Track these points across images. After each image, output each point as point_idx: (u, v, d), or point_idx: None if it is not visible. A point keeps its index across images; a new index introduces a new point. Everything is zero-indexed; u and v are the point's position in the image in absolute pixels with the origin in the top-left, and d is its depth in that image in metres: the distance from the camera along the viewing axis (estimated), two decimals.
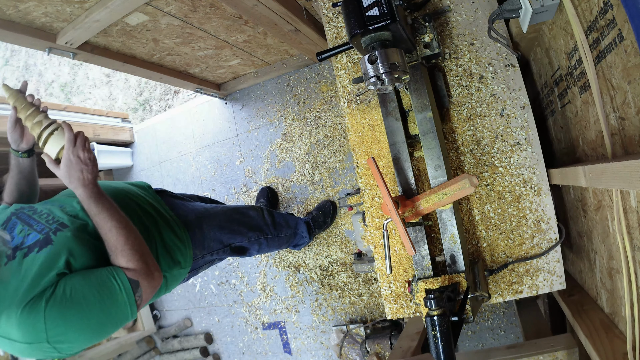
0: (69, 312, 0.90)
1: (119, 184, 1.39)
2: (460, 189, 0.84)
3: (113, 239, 1.02)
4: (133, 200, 1.29)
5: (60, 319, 0.90)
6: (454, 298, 0.83)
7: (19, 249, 1.00)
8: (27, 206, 1.15)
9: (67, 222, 1.06)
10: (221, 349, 2.75)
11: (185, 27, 1.75)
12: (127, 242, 1.03)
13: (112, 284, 0.96)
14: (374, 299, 2.24)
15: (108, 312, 0.96)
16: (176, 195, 1.62)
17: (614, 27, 0.61)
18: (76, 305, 0.92)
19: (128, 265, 1.01)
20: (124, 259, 1.01)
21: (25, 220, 1.08)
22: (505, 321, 1.99)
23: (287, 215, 1.96)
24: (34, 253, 0.98)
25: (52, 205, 1.15)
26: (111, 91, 3.46)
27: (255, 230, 1.70)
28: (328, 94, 2.35)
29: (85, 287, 0.94)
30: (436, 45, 0.94)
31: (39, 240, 1.00)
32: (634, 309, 0.69)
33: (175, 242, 1.32)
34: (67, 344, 0.92)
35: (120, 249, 1.01)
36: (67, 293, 0.92)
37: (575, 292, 1.06)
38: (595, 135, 0.79)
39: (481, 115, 1.02)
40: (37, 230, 1.04)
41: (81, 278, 0.96)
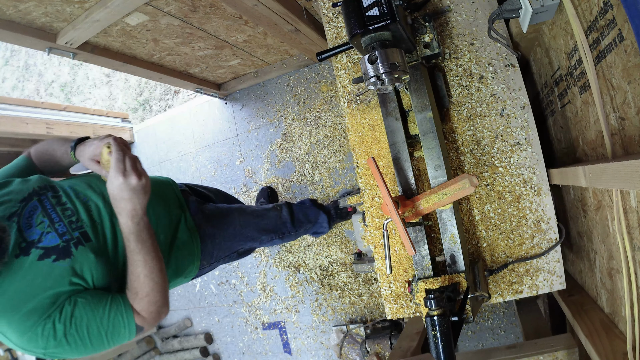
0: (70, 338, 0.88)
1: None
2: (460, 189, 0.84)
3: (139, 284, 0.94)
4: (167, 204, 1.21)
5: (60, 344, 0.88)
6: (454, 298, 0.83)
7: (34, 245, 0.91)
8: (50, 186, 1.03)
9: (90, 233, 0.98)
10: (221, 349, 2.75)
11: (185, 27, 1.75)
12: (150, 293, 0.95)
13: (118, 324, 0.92)
14: (374, 299, 2.24)
15: (107, 342, 0.93)
16: (199, 191, 1.52)
17: (614, 27, 0.61)
18: (79, 334, 0.89)
19: (141, 313, 0.95)
20: (139, 305, 0.94)
21: (47, 210, 0.97)
22: (505, 321, 1.99)
23: (308, 207, 1.86)
24: (50, 260, 0.90)
25: (78, 195, 1.04)
26: (111, 91, 3.46)
27: (270, 232, 1.63)
28: (328, 94, 2.35)
29: (91, 320, 0.90)
30: (436, 45, 0.94)
31: (58, 247, 0.92)
32: (634, 309, 0.69)
33: (185, 256, 1.26)
34: (63, 356, 0.92)
35: (140, 296, 0.94)
36: (72, 322, 0.88)
37: (575, 292, 1.06)
38: (595, 135, 0.79)
39: (481, 115, 1.02)
40: (58, 231, 0.94)
41: (90, 310, 0.90)
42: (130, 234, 0.92)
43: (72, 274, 0.90)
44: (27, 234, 0.91)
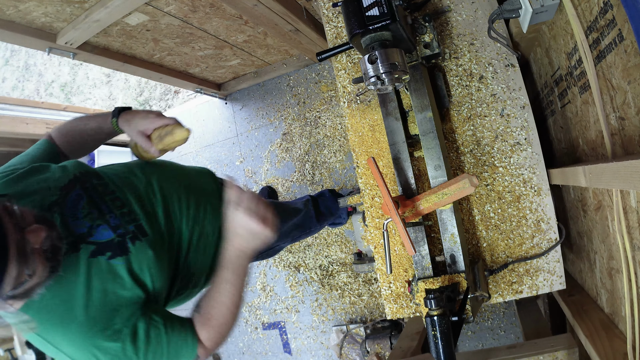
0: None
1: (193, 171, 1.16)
2: (460, 189, 0.84)
3: (217, 312, 0.86)
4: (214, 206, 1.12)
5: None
6: (454, 298, 0.83)
7: (84, 240, 0.78)
8: (93, 172, 0.91)
9: (145, 226, 0.87)
10: (221, 349, 2.75)
11: (185, 27, 1.75)
12: (223, 325, 0.87)
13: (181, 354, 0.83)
14: (374, 299, 2.24)
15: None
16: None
17: (614, 27, 0.61)
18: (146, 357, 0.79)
19: (205, 342, 0.86)
20: (207, 334, 0.86)
21: (95, 200, 0.84)
22: (505, 321, 1.99)
23: (328, 199, 1.80)
24: (104, 258, 0.78)
25: (123, 183, 0.93)
26: (111, 91, 3.46)
27: (300, 228, 1.56)
28: (328, 94, 2.35)
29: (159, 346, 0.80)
30: (436, 45, 0.94)
31: (113, 242, 0.80)
32: (634, 309, 0.69)
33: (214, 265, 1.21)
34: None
35: (212, 325, 0.86)
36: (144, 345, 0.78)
37: (575, 292, 1.06)
38: (595, 135, 0.79)
39: (481, 115, 1.02)
40: (110, 224, 0.82)
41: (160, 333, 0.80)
42: (230, 263, 0.86)
43: (134, 278, 0.80)
44: (73, 226, 0.79)
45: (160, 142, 0.96)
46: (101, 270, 0.77)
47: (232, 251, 0.86)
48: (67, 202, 0.81)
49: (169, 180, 1.03)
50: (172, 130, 0.96)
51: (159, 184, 0.99)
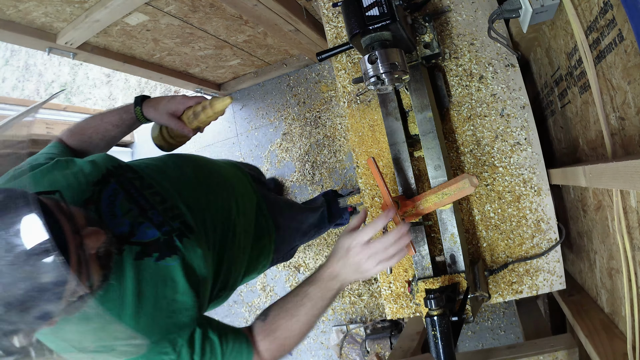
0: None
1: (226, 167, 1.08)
2: (460, 189, 0.84)
3: (287, 323, 0.78)
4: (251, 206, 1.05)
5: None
6: (454, 298, 0.83)
7: (127, 241, 0.71)
8: (126, 165, 0.84)
9: (191, 222, 0.80)
10: None
11: (185, 27, 1.75)
12: (289, 339, 0.79)
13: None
14: (374, 299, 2.24)
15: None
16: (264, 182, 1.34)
17: (614, 27, 0.61)
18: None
19: (264, 354, 0.78)
20: (268, 344, 0.78)
21: (133, 196, 0.76)
22: (505, 321, 1.99)
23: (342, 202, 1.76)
24: (152, 260, 0.71)
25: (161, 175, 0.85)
26: (111, 91, 3.46)
27: (315, 227, 1.52)
28: (328, 94, 2.35)
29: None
30: (436, 45, 0.94)
31: (159, 242, 0.73)
32: (634, 309, 0.69)
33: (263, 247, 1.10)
34: None
35: (276, 336, 0.78)
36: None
37: (575, 292, 1.06)
38: (595, 135, 0.79)
39: (481, 115, 1.02)
40: (153, 222, 0.75)
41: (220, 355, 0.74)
42: (321, 282, 0.78)
43: (185, 275, 0.72)
44: (113, 225, 0.71)
45: (195, 119, 0.94)
46: (150, 273, 0.69)
47: (329, 273, 0.77)
48: (103, 198, 0.73)
49: (203, 172, 0.99)
50: (211, 103, 0.93)
51: (196, 176, 0.94)
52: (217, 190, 0.97)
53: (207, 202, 0.90)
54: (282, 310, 0.79)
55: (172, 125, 0.94)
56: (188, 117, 0.95)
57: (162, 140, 1.01)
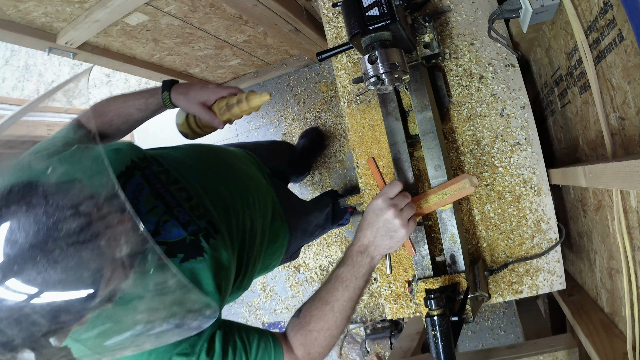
0: None
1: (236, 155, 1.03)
2: (460, 189, 0.84)
3: (318, 315, 0.73)
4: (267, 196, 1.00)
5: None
6: (454, 298, 0.83)
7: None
8: (151, 157, 0.79)
9: (217, 222, 0.77)
10: None
11: (185, 27, 1.75)
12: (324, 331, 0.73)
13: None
14: (374, 299, 2.24)
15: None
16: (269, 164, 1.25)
17: (614, 27, 0.61)
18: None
19: (296, 350, 0.74)
20: (302, 339, 0.74)
21: (159, 191, 0.72)
22: (505, 321, 1.99)
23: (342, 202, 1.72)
24: (177, 261, 0.67)
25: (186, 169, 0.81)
26: (111, 91, 3.46)
27: (320, 227, 1.48)
28: (328, 94, 2.35)
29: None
30: (436, 45, 0.94)
31: (185, 242, 0.69)
32: (634, 309, 0.69)
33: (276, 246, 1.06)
34: None
35: (309, 330, 0.73)
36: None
37: (575, 292, 1.06)
38: (595, 135, 0.79)
39: (481, 115, 1.02)
40: (179, 220, 0.71)
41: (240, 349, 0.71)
42: (355, 264, 0.74)
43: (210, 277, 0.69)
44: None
45: (228, 112, 0.89)
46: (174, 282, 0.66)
47: (358, 248, 0.73)
48: (126, 193, 0.68)
49: (228, 168, 0.95)
50: (247, 97, 0.89)
51: (220, 172, 0.91)
52: (241, 189, 0.93)
53: (231, 201, 0.86)
54: (315, 300, 0.75)
55: (202, 116, 0.89)
56: (220, 109, 0.90)
57: (188, 129, 0.97)
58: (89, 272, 0.46)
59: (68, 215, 0.45)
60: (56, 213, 0.45)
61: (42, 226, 0.44)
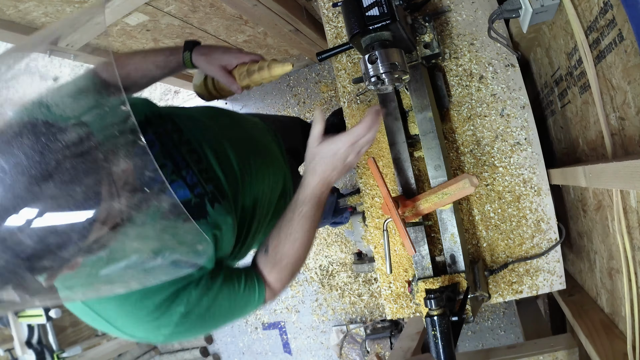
0: (198, 328, 0.72)
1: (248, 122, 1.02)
2: (460, 189, 0.84)
3: (290, 250, 0.78)
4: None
5: (186, 333, 0.71)
6: (454, 298, 0.83)
7: None
8: (166, 114, 0.79)
9: (225, 186, 0.78)
10: (221, 349, 2.75)
11: (185, 27, 1.75)
12: (294, 264, 0.80)
13: (249, 303, 0.77)
14: (374, 299, 2.24)
15: (230, 321, 0.78)
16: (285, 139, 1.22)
17: (614, 27, 0.61)
18: (208, 322, 0.73)
19: (273, 284, 0.79)
20: (276, 275, 0.79)
21: (169, 150, 0.73)
22: (505, 321, 1.99)
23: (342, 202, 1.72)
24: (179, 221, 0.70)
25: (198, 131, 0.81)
26: None
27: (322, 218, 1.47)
28: (328, 94, 2.35)
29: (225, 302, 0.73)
30: (436, 45, 0.94)
31: (189, 204, 0.70)
32: (634, 309, 0.69)
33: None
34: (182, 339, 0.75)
35: (282, 265, 0.78)
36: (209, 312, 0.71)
37: (575, 292, 1.06)
38: (595, 135, 0.79)
39: (481, 115, 1.02)
40: (187, 182, 0.71)
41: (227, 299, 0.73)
42: (313, 197, 0.77)
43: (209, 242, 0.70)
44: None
45: (247, 78, 0.89)
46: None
47: (317, 183, 0.76)
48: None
49: (243, 136, 0.95)
50: (269, 65, 0.89)
51: (234, 136, 0.90)
52: (254, 159, 0.93)
53: (242, 170, 0.87)
54: (283, 238, 0.78)
55: (222, 80, 0.89)
56: (240, 74, 0.90)
57: (205, 90, 0.97)
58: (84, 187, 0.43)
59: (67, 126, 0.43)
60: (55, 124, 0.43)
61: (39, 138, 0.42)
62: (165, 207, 0.49)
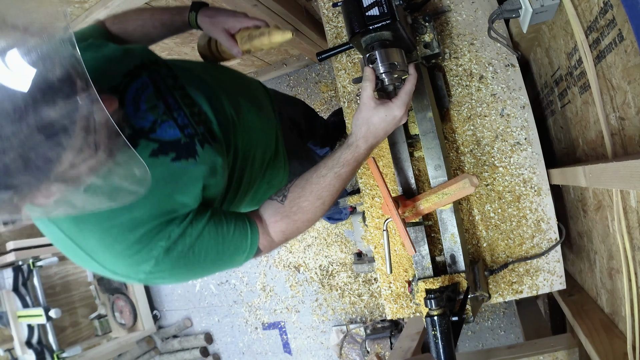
0: (182, 269, 0.70)
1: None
2: (460, 188, 0.84)
3: (307, 205, 0.75)
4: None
5: (168, 273, 0.70)
6: (454, 298, 0.83)
7: (145, 136, 0.68)
8: (163, 61, 0.81)
9: (216, 130, 0.78)
10: (221, 349, 2.75)
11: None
12: (306, 221, 0.77)
13: (239, 250, 0.75)
14: (374, 299, 2.24)
15: (217, 269, 0.76)
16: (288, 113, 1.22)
17: (614, 27, 0.61)
18: (192, 263, 0.71)
19: (274, 235, 0.77)
20: (285, 227, 0.76)
21: (162, 93, 0.74)
22: (505, 321, 1.99)
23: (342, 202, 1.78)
24: (167, 159, 0.69)
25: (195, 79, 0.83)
26: None
27: None
28: (328, 94, 2.35)
29: (212, 246, 0.71)
30: (436, 45, 0.94)
31: (179, 143, 0.70)
32: (634, 309, 0.69)
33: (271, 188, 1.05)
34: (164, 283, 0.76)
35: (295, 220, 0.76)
36: (192, 251, 0.69)
37: (575, 292, 1.06)
38: (595, 135, 0.79)
39: (481, 115, 1.02)
40: (177, 122, 0.72)
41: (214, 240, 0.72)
42: (355, 161, 0.75)
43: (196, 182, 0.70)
44: (135, 118, 0.69)
45: (248, 42, 0.90)
46: (162, 171, 0.67)
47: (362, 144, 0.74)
48: (130, 90, 0.70)
49: (235, 85, 0.96)
50: (270, 32, 0.90)
51: (228, 86, 0.92)
52: (247, 110, 0.93)
53: (234, 118, 0.86)
54: (305, 191, 0.76)
55: (224, 42, 0.91)
56: (242, 38, 0.91)
57: (208, 51, 0.99)
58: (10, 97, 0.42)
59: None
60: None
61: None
62: (100, 121, 0.47)
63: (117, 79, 0.70)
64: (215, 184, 0.76)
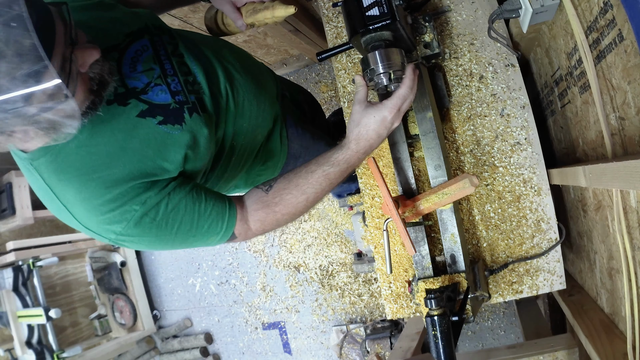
0: (152, 237, 0.71)
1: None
2: (460, 188, 0.84)
3: (292, 199, 0.76)
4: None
5: (138, 238, 0.71)
6: (454, 298, 0.83)
7: (136, 96, 0.70)
8: (167, 29, 0.82)
9: (208, 102, 0.79)
10: (221, 349, 2.75)
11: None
12: (288, 215, 0.77)
13: (212, 230, 0.74)
14: (374, 299, 2.24)
15: (189, 245, 0.76)
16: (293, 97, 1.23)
17: (614, 27, 0.61)
18: (163, 233, 0.71)
19: (254, 225, 0.77)
20: (265, 217, 0.76)
21: (160, 58, 0.75)
22: (505, 321, 1.99)
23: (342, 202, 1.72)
24: (154, 122, 0.69)
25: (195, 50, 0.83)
26: None
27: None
28: (328, 94, 2.35)
29: (187, 219, 0.71)
30: (436, 45, 0.94)
31: (168, 107, 0.71)
32: (634, 309, 0.69)
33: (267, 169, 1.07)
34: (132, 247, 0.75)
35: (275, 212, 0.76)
36: (165, 222, 0.70)
37: (575, 292, 1.06)
38: (595, 135, 0.79)
39: (481, 115, 1.02)
40: (170, 88, 0.73)
41: (189, 215, 0.71)
42: (346, 162, 0.76)
43: (179, 149, 0.71)
44: (128, 77, 0.70)
45: (252, 16, 0.92)
46: (146, 133, 0.68)
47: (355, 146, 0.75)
48: (129, 50, 0.72)
49: (234, 60, 0.96)
50: (274, 6, 0.91)
51: (226, 62, 0.92)
52: (244, 90, 0.93)
53: (228, 95, 0.87)
54: (291, 185, 0.76)
55: (229, 14, 0.92)
56: (247, 11, 0.92)
57: (214, 24, 1.00)
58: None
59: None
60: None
61: None
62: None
63: (119, 38, 0.72)
64: (199, 156, 0.76)
